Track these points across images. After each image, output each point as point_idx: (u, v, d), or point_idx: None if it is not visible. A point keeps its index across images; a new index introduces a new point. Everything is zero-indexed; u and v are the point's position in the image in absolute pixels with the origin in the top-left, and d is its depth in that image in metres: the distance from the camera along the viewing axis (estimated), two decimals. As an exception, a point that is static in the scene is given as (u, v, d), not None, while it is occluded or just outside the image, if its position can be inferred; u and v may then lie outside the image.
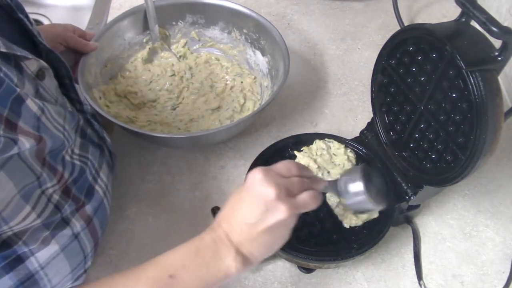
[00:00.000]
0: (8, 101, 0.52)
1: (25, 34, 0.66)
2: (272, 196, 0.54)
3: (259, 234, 0.55)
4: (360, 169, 0.64)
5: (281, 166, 0.59)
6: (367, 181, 0.62)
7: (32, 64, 0.59)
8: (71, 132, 0.65)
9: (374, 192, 0.64)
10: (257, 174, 0.55)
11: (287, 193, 0.55)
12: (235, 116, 0.93)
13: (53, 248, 0.64)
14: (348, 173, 0.64)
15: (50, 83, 0.64)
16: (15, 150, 0.52)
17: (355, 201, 0.63)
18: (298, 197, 0.57)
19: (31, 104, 0.55)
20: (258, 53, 0.99)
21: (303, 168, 0.61)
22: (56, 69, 0.68)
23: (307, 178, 0.60)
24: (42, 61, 0.61)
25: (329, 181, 0.63)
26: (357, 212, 0.68)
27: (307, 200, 0.57)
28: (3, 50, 0.54)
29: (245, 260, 0.56)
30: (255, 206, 0.55)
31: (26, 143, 0.54)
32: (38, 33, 0.67)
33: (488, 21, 0.57)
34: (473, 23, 0.62)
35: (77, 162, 0.67)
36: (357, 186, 0.62)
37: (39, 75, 0.61)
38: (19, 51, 0.56)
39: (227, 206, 0.58)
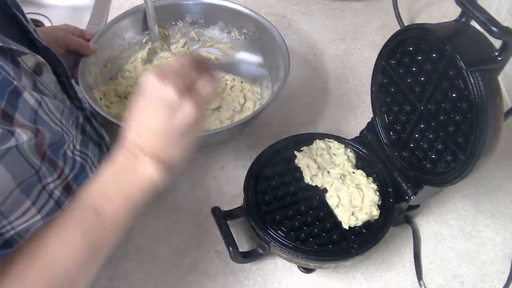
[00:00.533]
0: (5, 94, 0.51)
1: (21, 31, 0.66)
2: (173, 96, 0.51)
3: (172, 138, 0.53)
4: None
5: (175, 63, 0.56)
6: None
7: (29, 59, 0.59)
8: (70, 128, 0.65)
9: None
10: (151, 77, 0.52)
11: (188, 88, 0.53)
12: (236, 116, 0.93)
13: None
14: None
15: (48, 78, 0.64)
16: (12, 142, 0.52)
17: (250, 67, 0.65)
18: (197, 87, 0.55)
19: (28, 97, 0.55)
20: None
21: (193, 57, 0.58)
22: (53, 67, 0.68)
23: (199, 64, 0.57)
24: (39, 56, 0.61)
25: (220, 62, 0.66)
26: (250, 78, 0.71)
27: (206, 86, 0.55)
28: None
29: (166, 166, 0.54)
30: (159, 111, 0.52)
31: (23, 135, 0.53)
32: (34, 30, 0.67)
33: (488, 21, 0.57)
34: (473, 23, 0.62)
35: (78, 158, 0.67)
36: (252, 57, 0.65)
37: (36, 70, 0.61)
38: (15, 45, 0.56)
39: (132, 118, 0.55)
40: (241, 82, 0.99)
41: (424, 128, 0.72)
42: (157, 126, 0.53)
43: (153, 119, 0.53)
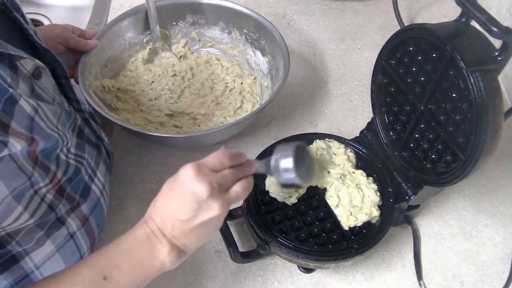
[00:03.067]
0: (1, 102, 0.51)
1: (21, 33, 0.66)
2: (205, 194, 0.54)
3: (192, 229, 0.55)
4: (291, 147, 0.66)
5: (213, 159, 0.58)
6: (298, 159, 0.65)
7: (28, 63, 0.59)
8: (66, 132, 0.65)
9: (303, 169, 0.66)
10: (189, 170, 0.55)
11: (220, 189, 0.56)
12: (230, 119, 0.93)
13: (48, 248, 0.64)
14: (280, 151, 0.66)
15: (47, 82, 0.64)
16: (5, 152, 0.52)
17: (285, 177, 0.65)
18: (231, 191, 0.57)
19: (25, 104, 0.55)
20: (258, 53, 0.99)
21: (234, 155, 0.60)
22: (52, 68, 0.67)
23: (239, 165, 0.60)
24: (37, 60, 0.61)
25: (261, 161, 0.65)
26: (286, 186, 0.70)
27: (239, 193, 0.58)
28: None
29: (179, 252, 0.57)
30: (187, 204, 0.55)
31: (17, 145, 0.53)
32: (34, 32, 0.67)
33: (488, 21, 0.57)
34: (473, 23, 0.62)
35: (72, 162, 0.67)
36: (287, 163, 0.64)
37: (35, 74, 0.61)
38: (13, 50, 0.56)
39: (159, 199, 0.58)
40: (241, 83, 0.99)
41: (424, 128, 0.72)
42: (180, 215, 0.55)
43: (178, 207, 0.55)
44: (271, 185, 0.75)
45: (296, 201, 0.74)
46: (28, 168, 0.57)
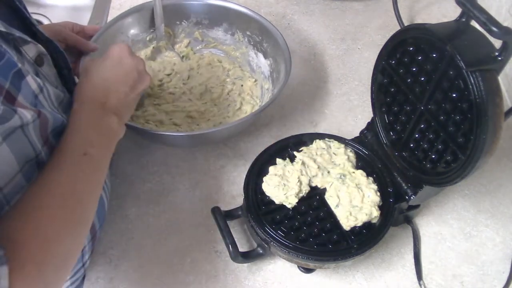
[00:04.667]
0: (9, 75, 0.52)
1: (23, 23, 0.66)
2: (142, 66, 0.67)
3: (131, 99, 0.67)
4: None
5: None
6: None
7: (31, 49, 0.60)
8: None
9: None
10: (124, 47, 0.67)
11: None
12: (228, 121, 0.93)
13: None
14: None
15: (49, 70, 0.64)
16: (17, 122, 0.52)
17: None
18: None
19: (31, 81, 0.56)
20: (261, 55, 0.99)
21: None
22: (54, 59, 0.68)
23: None
24: (40, 46, 0.62)
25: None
26: None
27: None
28: (3, 29, 0.54)
29: (122, 121, 0.66)
30: (130, 75, 0.65)
31: (27, 115, 0.53)
32: (36, 23, 0.67)
33: (488, 21, 0.57)
34: (473, 23, 0.62)
35: None
36: None
37: (38, 61, 0.61)
38: (18, 33, 0.57)
39: (95, 78, 0.66)
40: (241, 85, 0.99)
41: (424, 128, 0.72)
42: (124, 86, 0.66)
43: (123, 79, 0.66)
44: (267, 188, 0.75)
45: (295, 203, 0.74)
46: (37, 145, 0.57)
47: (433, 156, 0.70)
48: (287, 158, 0.79)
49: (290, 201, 0.74)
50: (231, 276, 0.76)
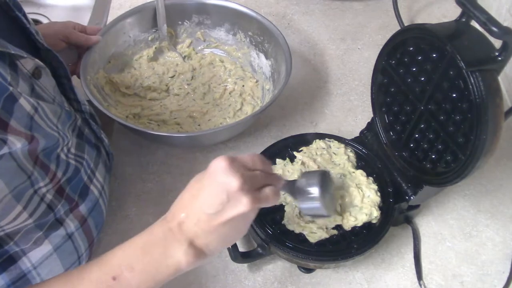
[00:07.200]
0: (0, 100, 0.51)
1: (23, 32, 0.66)
2: (236, 186, 0.50)
3: (218, 226, 0.51)
4: (318, 174, 0.61)
5: (246, 157, 0.54)
6: (323, 187, 0.60)
7: (28, 63, 0.59)
8: (66, 131, 0.65)
9: (328, 198, 0.62)
10: (222, 162, 0.51)
11: (250, 186, 0.52)
12: (229, 122, 0.93)
13: (46, 248, 0.64)
14: (306, 176, 0.62)
15: (47, 81, 0.64)
16: (5, 150, 0.52)
17: (309, 206, 0.60)
18: (261, 191, 0.53)
19: (24, 103, 0.55)
20: (262, 56, 0.99)
21: (266, 163, 0.57)
22: (54, 69, 0.67)
23: (269, 174, 0.56)
24: (37, 60, 0.61)
25: (287, 181, 0.61)
26: (307, 215, 0.66)
27: (269, 195, 0.54)
28: None
29: (198, 253, 0.52)
30: (216, 195, 0.51)
31: (17, 143, 0.53)
32: (36, 32, 0.67)
33: (488, 21, 0.57)
34: (473, 23, 0.62)
35: (72, 162, 0.67)
36: (313, 191, 0.60)
37: (35, 73, 0.61)
38: (14, 50, 0.56)
39: (185, 193, 0.53)
40: (242, 86, 0.99)
41: (424, 128, 0.72)
42: (208, 208, 0.51)
43: (207, 199, 0.51)
44: None
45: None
46: (28, 167, 0.57)
47: (433, 156, 0.70)
48: (287, 158, 0.79)
49: (290, 201, 0.74)
50: (231, 276, 0.76)
